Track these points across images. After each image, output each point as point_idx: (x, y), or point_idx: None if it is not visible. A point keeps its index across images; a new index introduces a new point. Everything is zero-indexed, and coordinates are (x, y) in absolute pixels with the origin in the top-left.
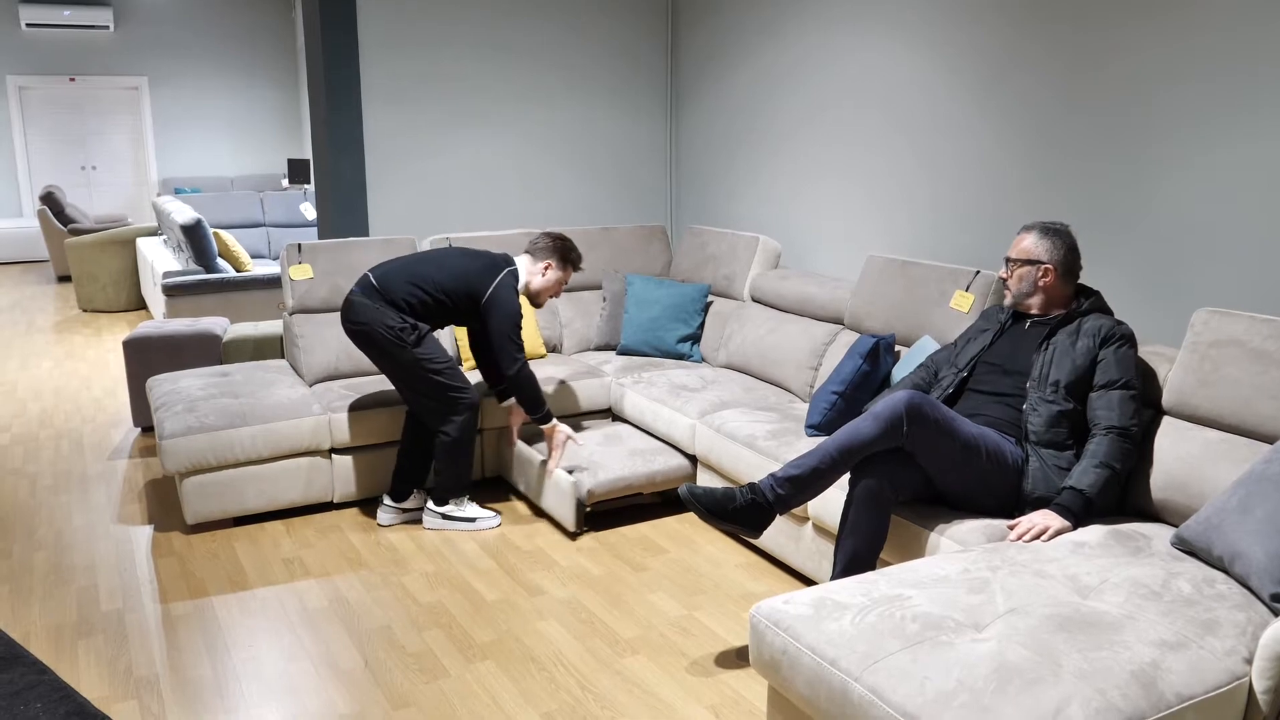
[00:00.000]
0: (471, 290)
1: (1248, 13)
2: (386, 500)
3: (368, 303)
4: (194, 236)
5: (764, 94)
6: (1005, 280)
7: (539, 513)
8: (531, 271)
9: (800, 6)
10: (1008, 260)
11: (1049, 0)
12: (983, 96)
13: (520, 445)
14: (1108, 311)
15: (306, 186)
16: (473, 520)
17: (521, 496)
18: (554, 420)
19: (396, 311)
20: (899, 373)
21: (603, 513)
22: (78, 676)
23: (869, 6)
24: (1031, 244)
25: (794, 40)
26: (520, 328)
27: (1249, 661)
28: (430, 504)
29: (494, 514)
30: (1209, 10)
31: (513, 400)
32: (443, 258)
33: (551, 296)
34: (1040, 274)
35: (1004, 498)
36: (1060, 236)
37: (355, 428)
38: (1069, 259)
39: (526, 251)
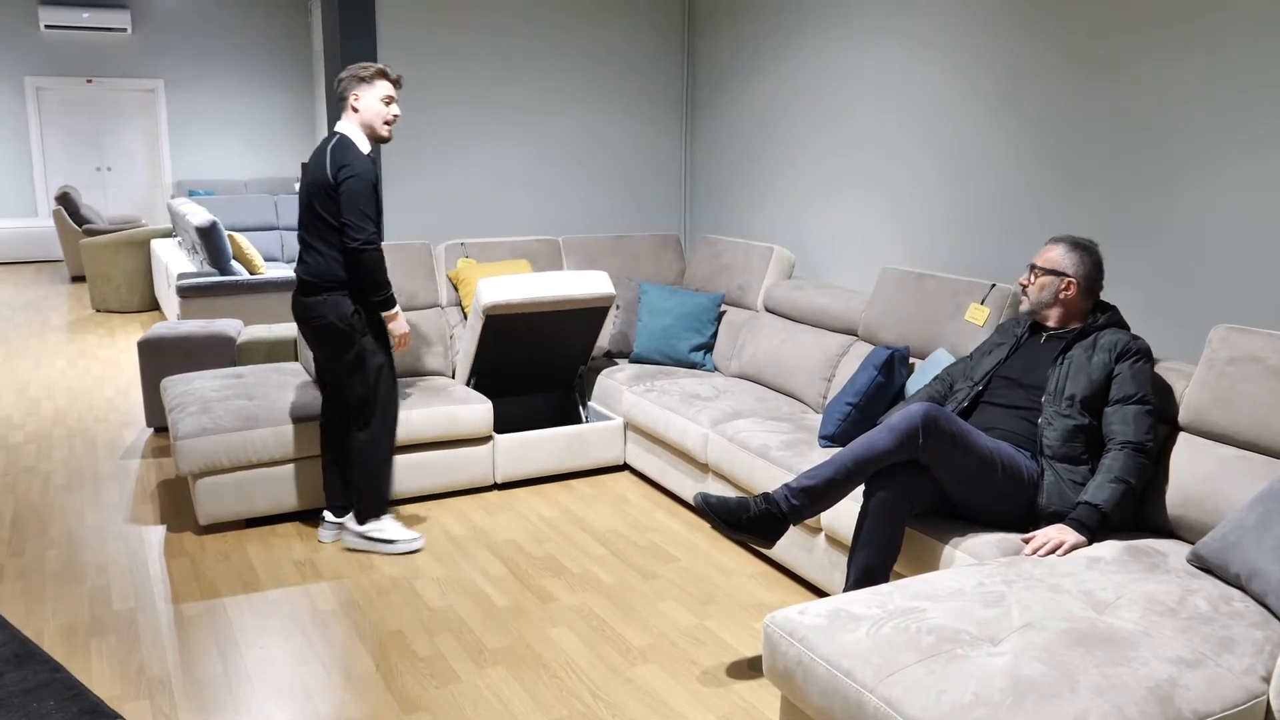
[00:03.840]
0: (323, 183)
1: (1269, 27)
2: (329, 516)
3: (316, 299)
4: (209, 238)
5: (780, 105)
6: (1025, 286)
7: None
8: (352, 116)
9: (817, 18)
10: (1032, 267)
11: (1067, 13)
12: (1000, 109)
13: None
14: (1124, 326)
15: None
16: (393, 542)
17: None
18: (397, 308)
19: (346, 294)
20: (913, 385)
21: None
22: (90, 675)
23: (886, 19)
24: (1059, 255)
25: (810, 52)
26: (371, 195)
27: (1266, 680)
28: (350, 522)
29: (416, 536)
30: (1229, 24)
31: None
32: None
33: (393, 122)
34: (1063, 286)
35: (1019, 511)
36: (1088, 252)
37: None
38: (1093, 275)
39: (342, 111)
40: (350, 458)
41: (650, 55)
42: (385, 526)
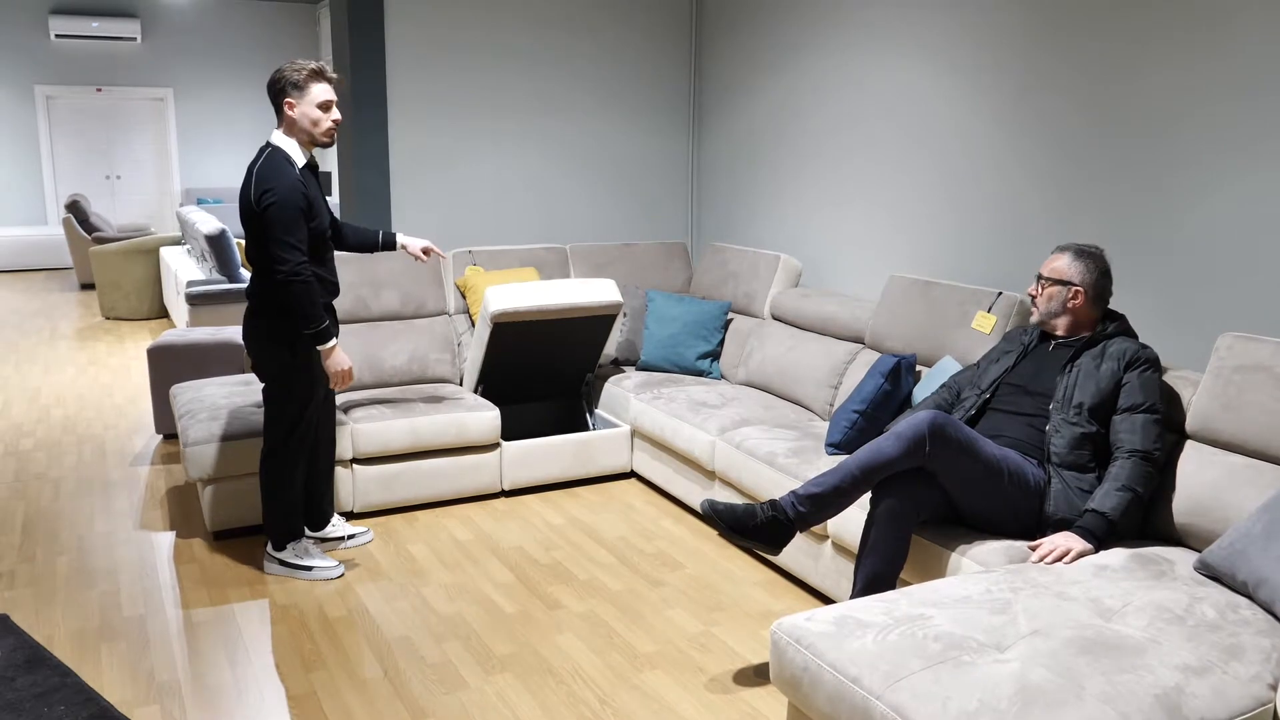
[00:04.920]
0: (247, 208)
1: (1278, 36)
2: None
3: (256, 322)
4: (218, 246)
5: (787, 113)
6: (1034, 297)
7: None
8: (287, 124)
9: (824, 26)
10: (1039, 277)
11: (1074, 20)
12: (1007, 117)
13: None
14: (1133, 335)
15: (328, 198)
16: (309, 569)
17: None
18: (333, 341)
19: (282, 323)
20: (920, 393)
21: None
22: (100, 680)
23: (893, 27)
24: (1065, 265)
25: (817, 60)
26: (297, 220)
27: (1274, 688)
28: (269, 548)
29: (335, 564)
30: (1238, 34)
31: (407, 244)
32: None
33: (334, 127)
34: (1070, 295)
35: (1025, 519)
36: (1094, 260)
37: (377, 438)
38: (1100, 283)
39: (278, 118)
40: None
41: (658, 63)
42: (304, 553)
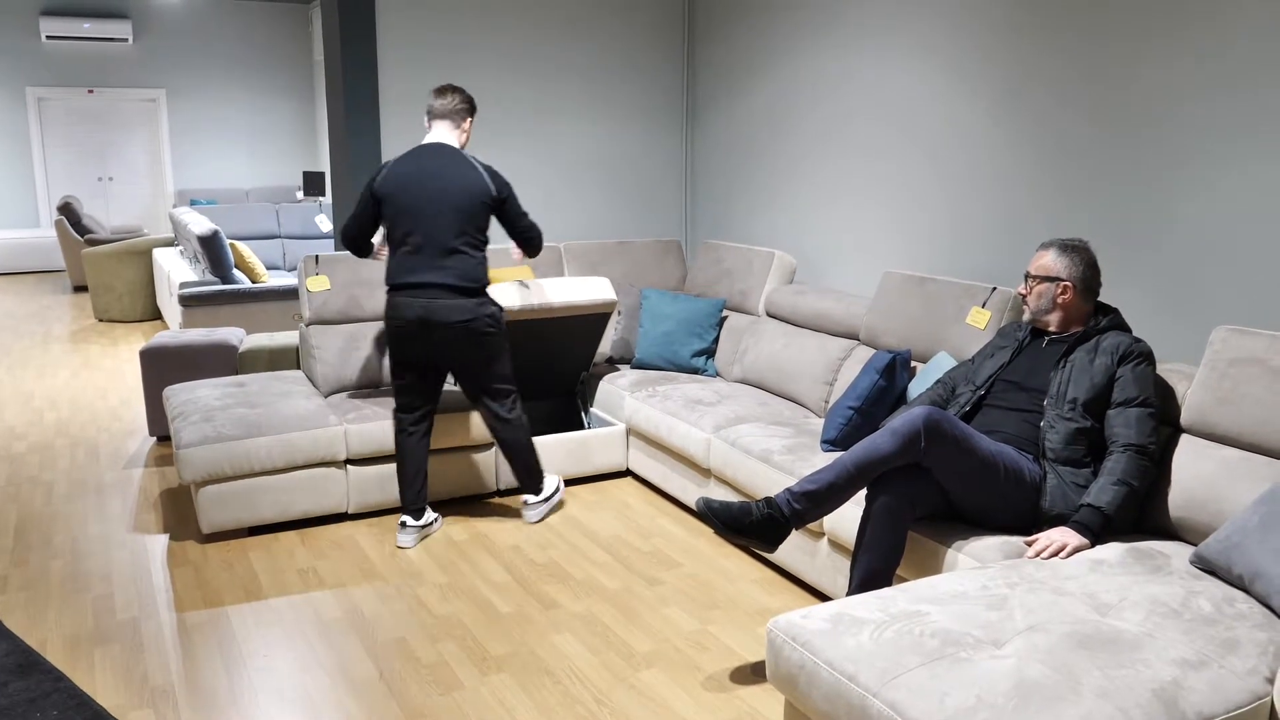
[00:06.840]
0: (484, 198)
1: (1268, 29)
2: (409, 521)
3: (473, 301)
4: (211, 247)
5: (781, 110)
6: (1024, 296)
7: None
8: (461, 136)
9: (817, 23)
10: (1027, 276)
11: (1068, 16)
12: (1001, 113)
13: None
14: (1126, 329)
15: (321, 199)
16: (556, 492)
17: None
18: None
19: (487, 297)
20: (915, 389)
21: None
22: (94, 684)
23: (886, 23)
24: (1050, 261)
25: (811, 57)
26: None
27: (1270, 681)
28: (530, 498)
29: (555, 477)
30: (1231, 27)
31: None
32: (425, 205)
33: None
34: (1059, 291)
35: (1022, 514)
36: (1079, 253)
37: (371, 438)
38: (1088, 276)
39: (443, 118)
40: (508, 438)
41: (650, 61)
42: (549, 484)
